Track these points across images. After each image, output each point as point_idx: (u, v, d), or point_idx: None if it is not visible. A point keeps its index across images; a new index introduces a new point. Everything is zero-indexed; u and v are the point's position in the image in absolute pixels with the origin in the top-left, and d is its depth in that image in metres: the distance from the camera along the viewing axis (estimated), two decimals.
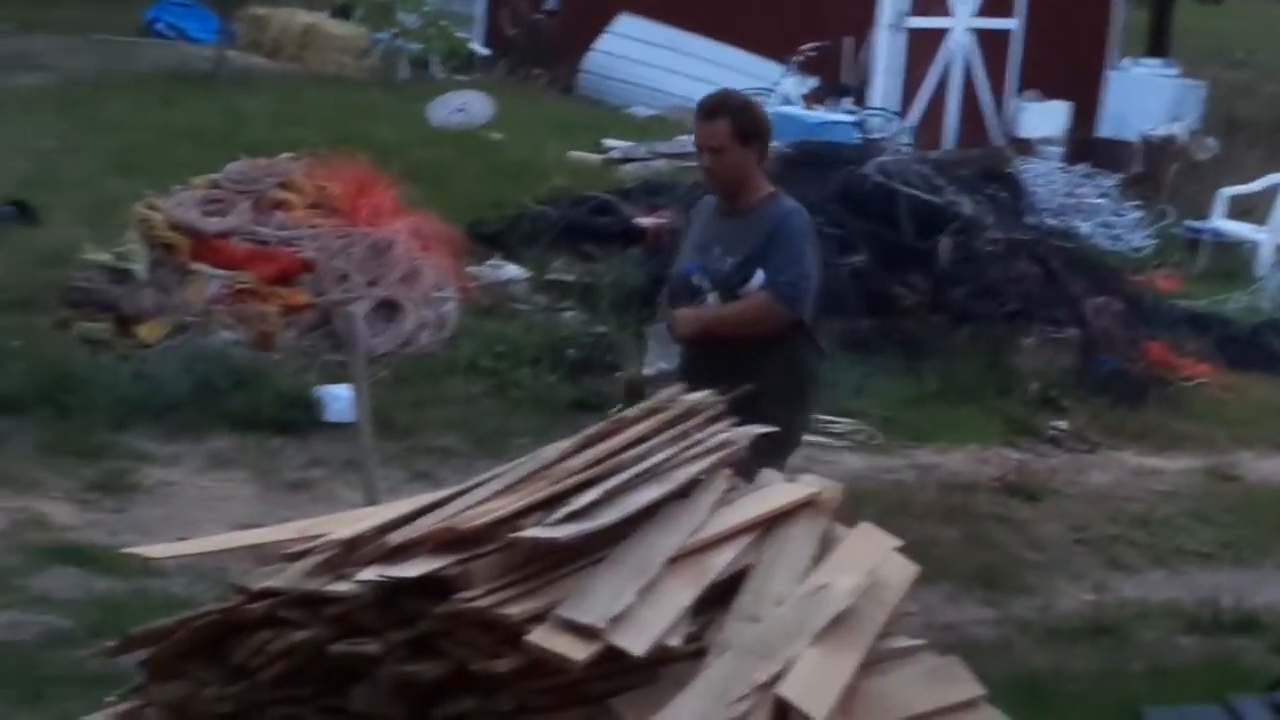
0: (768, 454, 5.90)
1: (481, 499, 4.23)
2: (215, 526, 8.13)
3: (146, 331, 10.98)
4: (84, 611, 7.45)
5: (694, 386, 6.51)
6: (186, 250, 11.61)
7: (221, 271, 11.48)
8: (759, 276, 6.85)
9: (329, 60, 23.72)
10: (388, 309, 11.38)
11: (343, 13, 25.53)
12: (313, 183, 12.53)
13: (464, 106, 19.12)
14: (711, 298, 6.95)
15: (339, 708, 3.89)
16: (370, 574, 3.89)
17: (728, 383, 6.05)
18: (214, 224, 11.86)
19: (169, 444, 9.79)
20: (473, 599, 3.79)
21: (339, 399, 10.02)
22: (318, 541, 4.18)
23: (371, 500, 6.15)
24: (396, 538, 4.03)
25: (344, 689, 3.89)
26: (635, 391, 7.10)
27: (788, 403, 6.85)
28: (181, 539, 7.35)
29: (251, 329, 11.13)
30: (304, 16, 24.99)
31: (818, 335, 7.22)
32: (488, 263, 12.76)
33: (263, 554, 4.55)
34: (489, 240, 13.32)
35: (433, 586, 3.84)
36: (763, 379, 6.37)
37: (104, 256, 11.56)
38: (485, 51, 24.39)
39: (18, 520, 8.51)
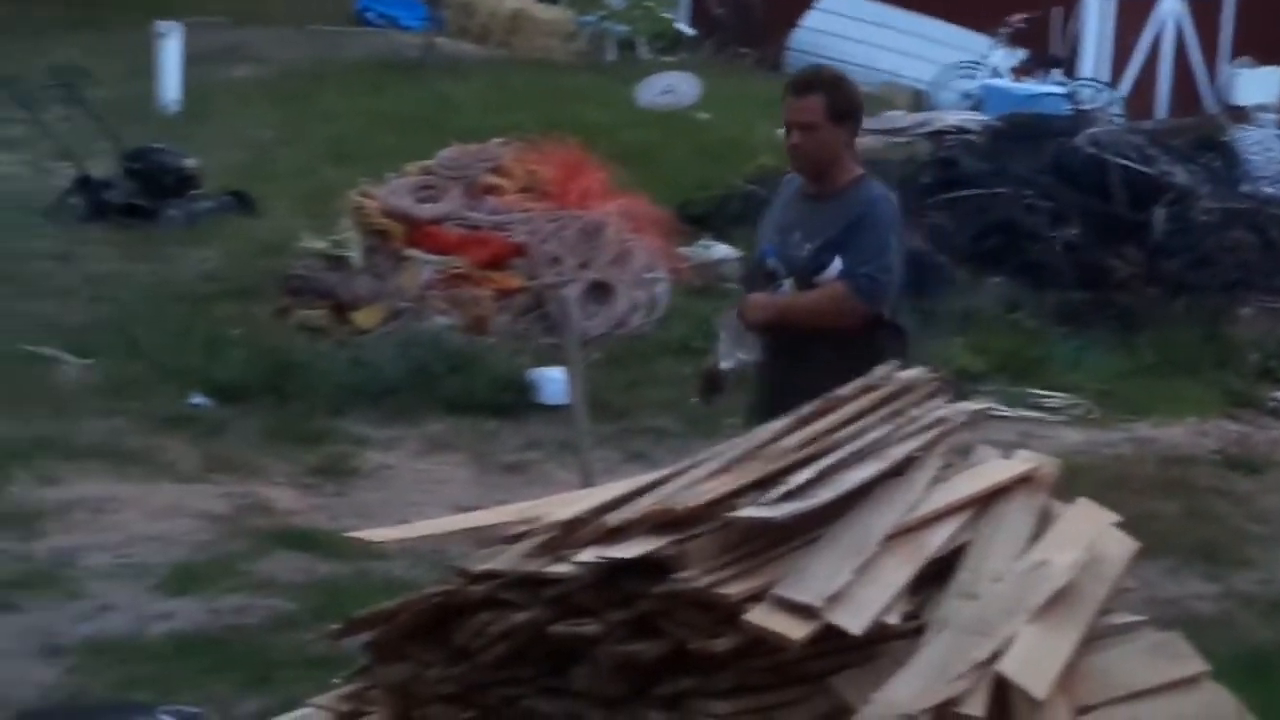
0: None
1: (697, 479, 4.23)
2: (433, 509, 8.22)
3: (363, 318, 11.14)
4: (308, 595, 7.56)
5: (769, 379, 6.50)
6: (401, 237, 11.76)
7: (435, 257, 11.61)
8: (836, 265, 6.33)
9: (536, 44, 23.84)
10: (600, 291, 11.42)
11: None
12: (523, 167, 12.61)
13: (671, 87, 19.12)
14: (787, 284, 6.45)
15: (559, 688, 3.91)
16: (589, 555, 3.90)
17: (802, 378, 5.94)
18: (427, 210, 12.00)
19: (387, 428, 9.92)
20: (690, 579, 3.79)
21: (553, 381, 10.07)
22: (536, 524, 4.21)
23: (587, 482, 6.19)
24: (614, 519, 4.04)
25: (564, 669, 3.91)
26: (713, 383, 6.76)
27: None
28: (401, 522, 7.45)
29: (465, 313, 11.23)
30: (512, 1, 25.09)
31: (903, 329, 6.62)
32: (698, 243, 12.77)
33: (481, 536, 4.59)
34: (698, 221, 13.33)
35: (650, 567, 3.85)
36: (839, 376, 5.92)
37: (320, 244, 11.74)
38: (691, 31, 24.35)
39: (242, 506, 8.66)
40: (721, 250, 12.60)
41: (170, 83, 18.47)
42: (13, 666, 6.81)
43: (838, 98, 6.46)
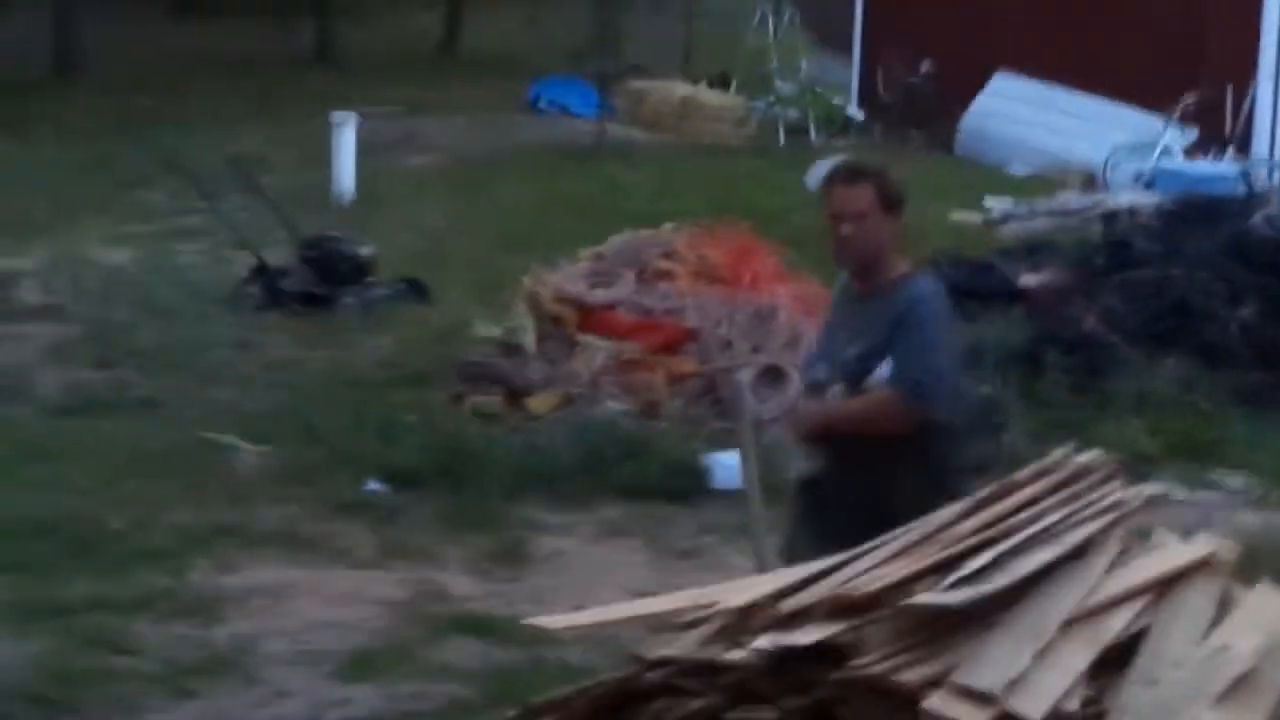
0: None
1: (873, 565, 4.23)
2: (608, 594, 8.22)
3: (536, 404, 11.20)
4: (484, 682, 7.57)
5: (822, 490, 6.21)
6: (573, 322, 11.82)
7: (608, 342, 11.64)
8: (884, 368, 6.03)
9: (706, 130, 23.94)
10: (772, 375, 11.39)
11: (720, 83, 25.71)
12: (695, 252, 12.64)
13: None
14: (835, 390, 6.15)
15: None
16: (765, 642, 3.90)
17: (856, 486, 5.96)
18: (600, 295, 12.06)
19: (560, 513, 9.93)
20: (867, 665, 3.79)
21: (726, 466, 10.04)
22: (711, 610, 4.21)
23: (762, 567, 6.16)
24: (789, 605, 4.04)
25: None
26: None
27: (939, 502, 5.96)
28: (576, 608, 7.44)
29: (638, 398, 11.26)
30: (682, 88, 25.25)
31: (957, 430, 6.28)
32: None
33: (656, 623, 4.59)
34: None
35: (827, 653, 3.84)
36: (895, 484, 5.89)
37: (494, 331, 11.83)
38: (860, 116, 24.40)
39: (419, 592, 8.70)
40: None
41: (346, 171, 18.74)
42: None
43: (887, 187, 6.23)
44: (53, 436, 11.05)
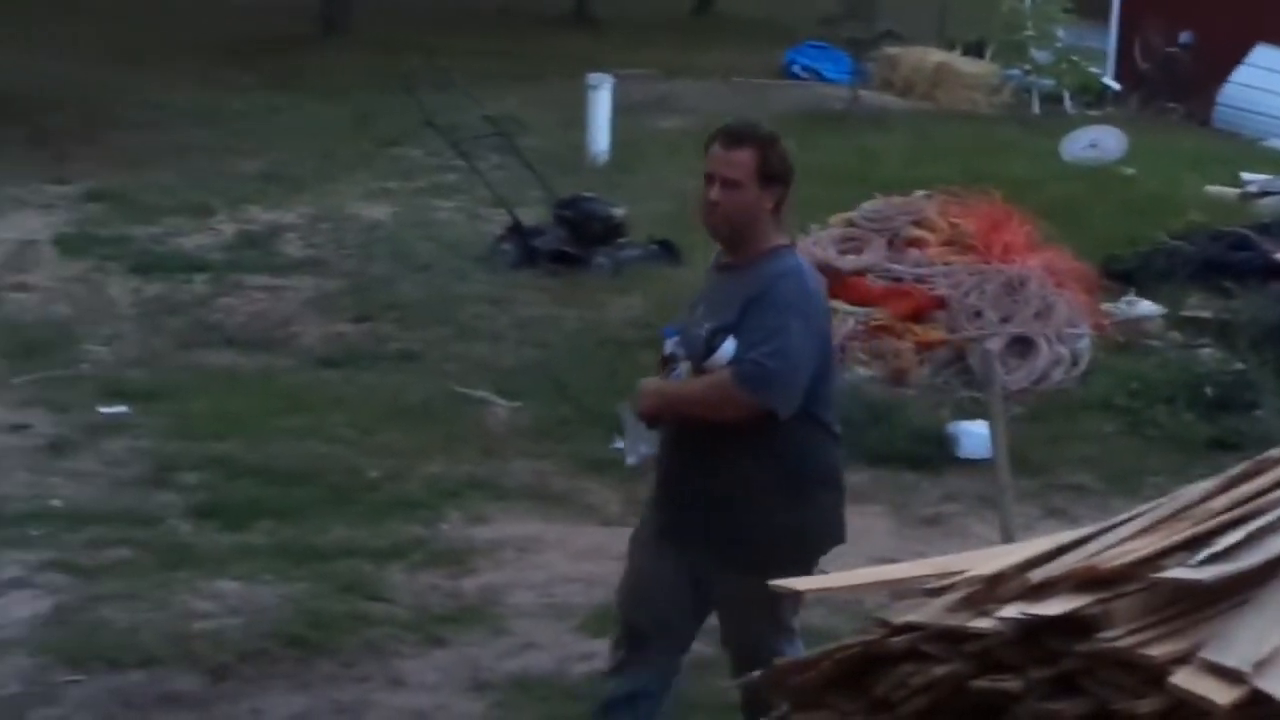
0: (788, 561, 5.44)
1: (1122, 538, 4.18)
2: (851, 560, 8.15)
3: None
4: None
5: (663, 477, 5.86)
6: (824, 288, 11.79)
7: (857, 309, 11.62)
8: (728, 348, 5.48)
9: (960, 97, 23.76)
10: (1021, 345, 11.31)
11: (975, 50, 25.51)
12: (946, 220, 12.57)
13: (1096, 142, 18.89)
14: (683, 368, 5.64)
15: None
16: (1012, 611, 3.88)
17: (697, 474, 5.63)
18: (850, 262, 12.04)
19: None
20: (1115, 638, 3.75)
21: (973, 435, 10.02)
22: (957, 578, 4.20)
23: (1007, 537, 6.14)
24: (1037, 575, 4.01)
25: None
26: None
27: (785, 506, 5.66)
28: (819, 573, 7.47)
29: (886, 365, 11.23)
30: (936, 55, 25.09)
31: (828, 425, 5.79)
32: (1122, 299, 12.57)
33: (900, 589, 4.59)
34: (1123, 277, 13.12)
35: (1074, 625, 3.81)
36: (736, 477, 5.56)
37: None
38: (1117, 86, 24.09)
39: None
40: (1146, 307, 12.37)
41: (600, 133, 18.83)
42: (442, 699, 7.05)
43: (771, 156, 5.70)
44: (313, 387, 11.31)
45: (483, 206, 15.68)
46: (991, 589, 4.05)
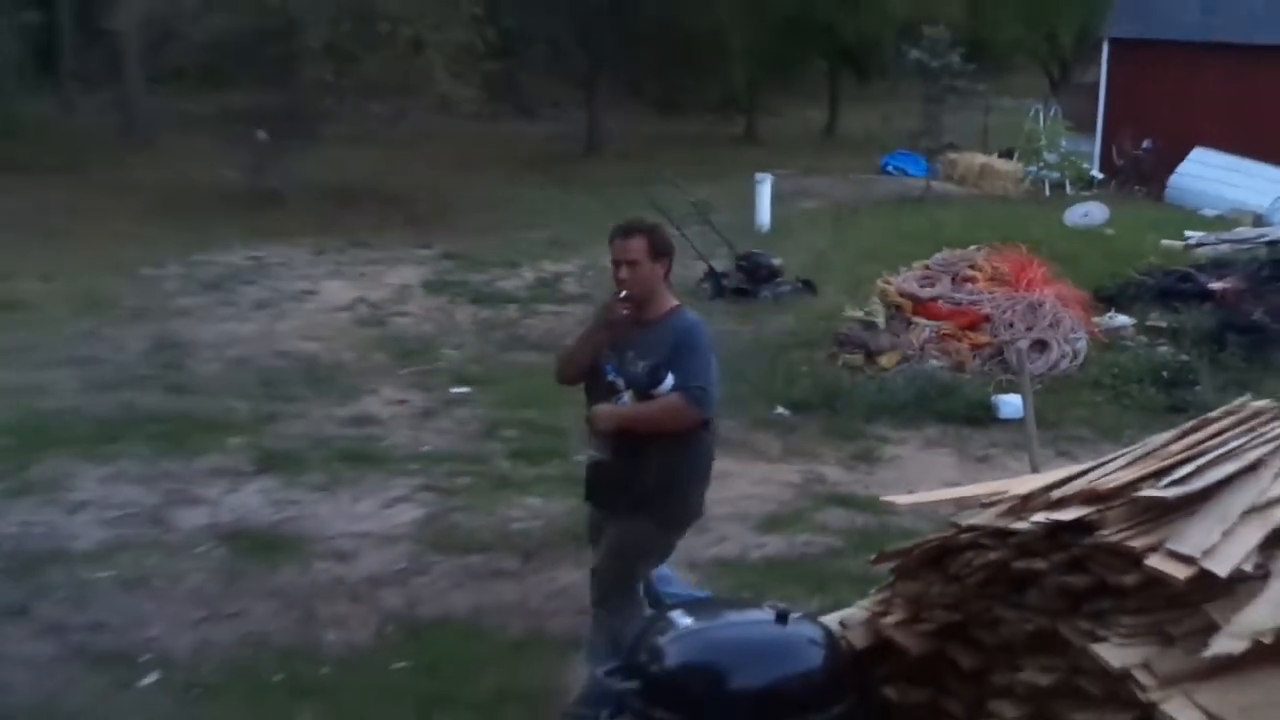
0: (677, 526, 5.37)
1: (1111, 470, 4.13)
2: (929, 484, 8.15)
3: (885, 360, 11.12)
4: (849, 536, 7.60)
5: (609, 472, 5.24)
6: (909, 309, 11.70)
7: (931, 322, 11.50)
8: (669, 381, 5.08)
9: (997, 185, 23.49)
10: (1040, 345, 11.12)
11: (1007, 154, 25.34)
12: (990, 264, 12.42)
13: (1088, 213, 18.55)
14: (626, 396, 5.16)
15: (1018, 603, 3.86)
16: (1040, 517, 3.85)
17: (627, 469, 5.14)
18: (926, 292, 11.91)
19: (899, 431, 9.87)
20: (1108, 535, 3.71)
21: (1009, 404, 9.89)
22: (1003, 496, 4.17)
23: (1034, 470, 6.05)
24: (1056, 494, 3.98)
25: (1021, 591, 3.87)
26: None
27: (690, 484, 5.39)
28: (908, 492, 7.41)
29: (951, 359, 11.10)
30: (980, 158, 24.92)
31: (714, 428, 5.47)
32: (1106, 315, 12.29)
33: (963, 503, 4.56)
34: (1107, 300, 12.83)
35: (1082, 526, 3.77)
36: (654, 466, 5.14)
37: (858, 313, 11.78)
38: (1100, 175, 23.76)
39: (808, 478, 8.77)
40: (1121, 319, 12.09)
41: (763, 211, 18.83)
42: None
43: (656, 239, 5.28)
44: None
45: (689, 259, 15.73)
46: (1025, 503, 4.02)
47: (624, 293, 5.18)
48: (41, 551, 7.16)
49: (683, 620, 3.85)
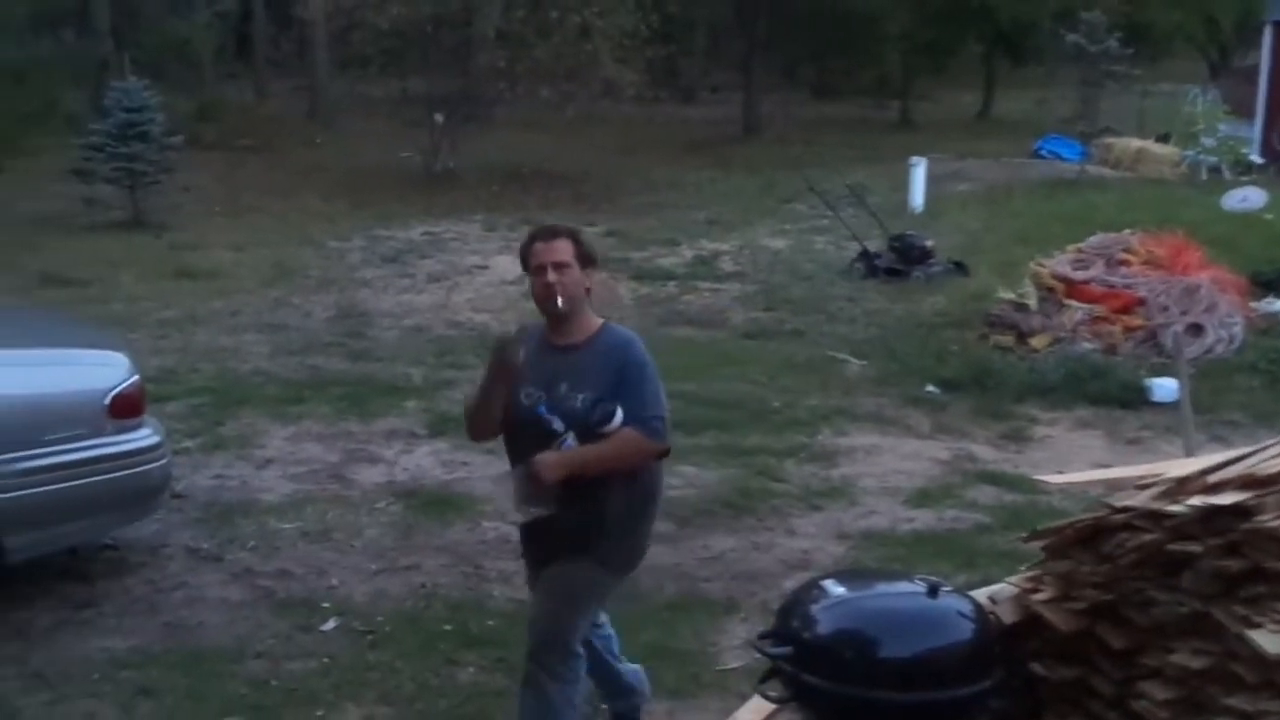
0: (624, 567, 4.41)
1: (1268, 456, 3.97)
2: (1079, 465, 7.97)
3: (1037, 342, 10.89)
4: (998, 513, 7.46)
5: (555, 524, 4.20)
6: (1062, 292, 11.41)
7: (1084, 305, 11.21)
8: (619, 415, 4.11)
9: (1153, 169, 22.78)
10: (1195, 329, 10.77)
11: (1163, 138, 24.54)
12: (1144, 247, 12.04)
13: (1246, 197, 17.83)
14: (570, 439, 4.10)
15: (1171, 585, 3.74)
16: (1196, 500, 3.72)
17: (575, 513, 4.16)
18: (1079, 275, 11.60)
19: (1049, 412, 9.64)
20: (1266, 520, 3.56)
21: (1162, 387, 9.59)
22: (1157, 478, 4.04)
23: (1189, 453, 5.85)
24: (1213, 478, 3.84)
25: (1175, 574, 3.74)
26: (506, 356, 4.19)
27: (642, 520, 4.39)
28: (1058, 472, 7.26)
29: (1103, 341, 10.81)
30: (1136, 142, 24.19)
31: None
32: (1264, 300, 11.85)
33: (1114, 485, 4.42)
34: (1265, 285, 12.35)
35: (1238, 511, 3.64)
36: (607, 507, 4.21)
37: (1009, 295, 11.54)
38: (1260, 160, 22.78)
39: (957, 455, 8.63)
40: (1279, 304, 11.67)
41: (917, 194, 18.57)
42: (819, 544, 7.00)
43: (582, 243, 4.34)
44: (738, 350, 11.39)
45: (843, 240, 15.60)
46: (1181, 487, 3.88)
47: (557, 305, 4.21)
48: (233, 503, 7.42)
49: (835, 589, 3.80)
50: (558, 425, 4.09)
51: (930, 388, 10.06)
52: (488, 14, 22.06)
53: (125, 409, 6.07)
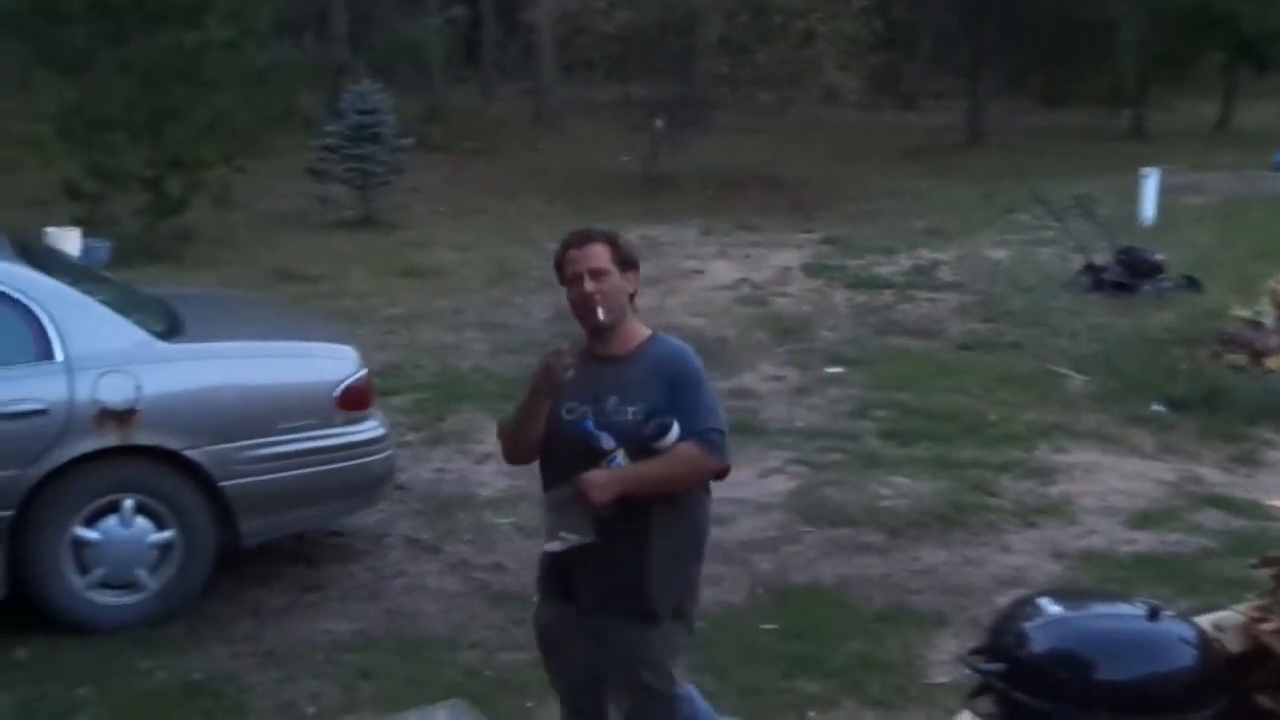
0: (686, 615, 3.93)
1: None
2: None
3: (1272, 363, 10.38)
4: (1225, 539, 7.16)
5: (586, 553, 3.75)
6: None
7: None
8: (676, 429, 3.71)
9: None
10: None
11: None
12: None
13: None
14: (620, 456, 3.69)
15: None
16: None
17: (630, 545, 3.74)
18: None
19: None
20: None
21: None
22: None
23: None
24: None
25: None
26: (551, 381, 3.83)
27: (692, 559, 3.95)
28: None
29: None
30: None
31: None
32: None
33: None
34: None
35: None
36: (670, 535, 3.81)
37: (1245, 313, 11.05)
38: None
39: (1183, 477, 8.30)
40: None
41: (1149, 206, 17.95)
42: (1033, 562, 6.83)
43: (621, 245, 3.93)
44: (956, 362, 11.19)
45: (1068, 252, 15.17)
46: None
47: (598, 316, 3.86)
48: (452, 496, 7.67)
49: (1051, 607, 3.73)
50: (607, 442, 3.72)
51: (1156, 406, 9.71)
52: (711, 20, 22.21)
53: (354, 401, 6.32)
